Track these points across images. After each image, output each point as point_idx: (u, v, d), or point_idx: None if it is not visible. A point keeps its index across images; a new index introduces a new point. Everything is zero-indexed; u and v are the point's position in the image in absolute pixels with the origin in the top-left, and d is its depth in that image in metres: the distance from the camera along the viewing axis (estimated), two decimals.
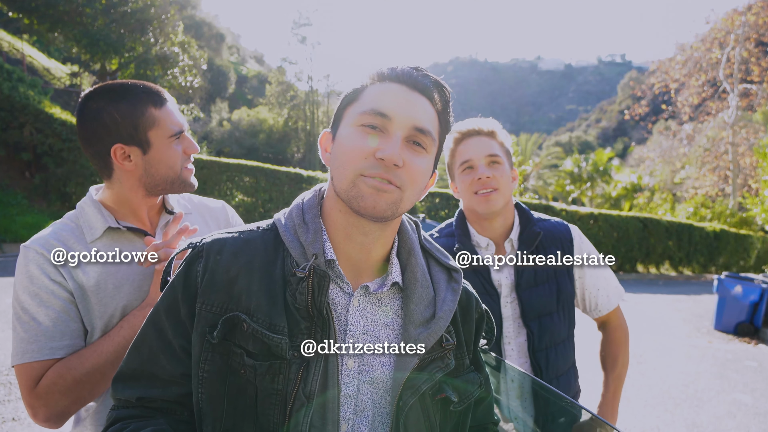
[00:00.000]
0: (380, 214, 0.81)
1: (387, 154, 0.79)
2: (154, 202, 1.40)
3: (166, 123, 1.32)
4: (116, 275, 1.28)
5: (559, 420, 1.33)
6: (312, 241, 0.85)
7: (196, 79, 22.76)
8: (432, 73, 0.87)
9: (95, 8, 17.89)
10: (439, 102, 0.87)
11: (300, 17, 42.17)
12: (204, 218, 1.53)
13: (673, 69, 29.26)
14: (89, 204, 1.34)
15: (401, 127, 0.82)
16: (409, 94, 0.84)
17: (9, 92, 11.99)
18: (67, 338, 1.21)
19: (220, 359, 0.81)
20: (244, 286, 0.82)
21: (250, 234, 0.88)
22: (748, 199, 20.05)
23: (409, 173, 0.82)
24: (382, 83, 0.85)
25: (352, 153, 0.81)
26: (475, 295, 0.99)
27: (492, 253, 1.66)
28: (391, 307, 0.89)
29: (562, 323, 1.63)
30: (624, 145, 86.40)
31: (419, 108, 0.84)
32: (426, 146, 0.84)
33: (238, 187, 13.24)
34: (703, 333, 8.43)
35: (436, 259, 0.95)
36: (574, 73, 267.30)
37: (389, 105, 0.82)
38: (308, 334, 0.81)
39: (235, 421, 0.81)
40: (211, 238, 0.87)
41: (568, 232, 1.71)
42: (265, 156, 31.00)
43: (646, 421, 4.57)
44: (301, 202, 0.92)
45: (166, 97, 1.34)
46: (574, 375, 1.69)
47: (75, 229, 1.31)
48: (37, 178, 12.26)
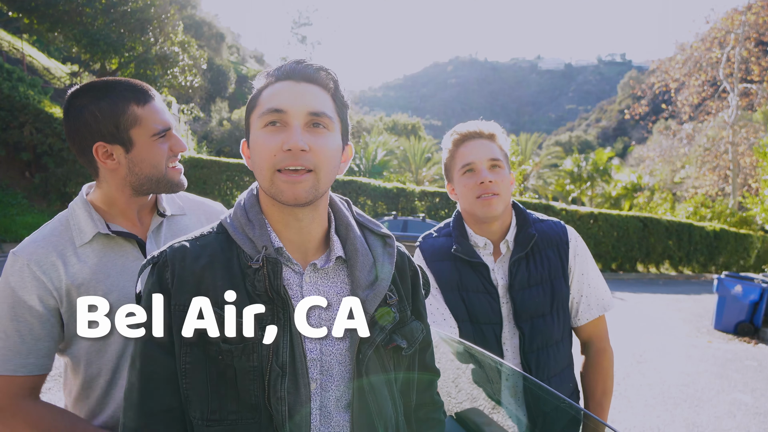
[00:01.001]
0: (302, 201, 0.92)
1: (291, 143, 0.89)
2: (145, 201, 1.38)
3: (149, 121, 1.29)
4: (105, 282, 1.27)
5: (553, 418, 1.33)
6: (259, 234, 0.97)
7: (196, 78, 22.76)
8: (313, 62, 0.97)
9: (95, 8, 17.88)
10: (329, 83, 0.97)
11: (300, 17, 42.24)
12: (200, 219, 1.50)
13: (673, 68, 29.27)
14: (80, 205, 1.32)
15: (297, 116, 0.92)
16: (297, 86, 0.94)
17: (9, 92, 11.99)
18: (32, 357, 1.21)
19: (198, 351, 0.92)
20: (210, 282, 0.93)
21: (204, 239, 1.00)
22: (748, 199, 20.07)
23: (317, 154, 0.92)
24: (272, 86, 0.96)
25: (264, 153, 0.92)
26: (407, 254, 1.12)
27: (490, 253, 1.66)
28: (338, 278, 1.01)
29: (556, 325, 1.61)
30: (624, 144, 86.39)
31: (309, 95, 0.94)
32: (326, 125, 0.94)
33: (238, 186, 13.24)
34: (703, 333, 8.43)
35: (370, 230, 1.08)
36: (574, 72, 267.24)
37: (282, 101, 0.92)
38: (271, 314, 0.92)
39: (220, 402, 0.92)
40: (171, 248, 0.97)
41: (565, 234, 1.69)
42: None
43: (646, 421, 4.57)
44: (242, 203, 1.03)
45: (151, 94, 1.32)
46: (569, 376, 1.67)
47: (65, 231, 1.29)
48: (37, 178, 12.27)
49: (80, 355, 1.29)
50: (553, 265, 1.64)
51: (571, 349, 1.70)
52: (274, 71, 0.98)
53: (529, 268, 1.61)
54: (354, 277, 0.99)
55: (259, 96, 0.97)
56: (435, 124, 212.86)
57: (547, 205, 16.15)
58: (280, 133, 0.92)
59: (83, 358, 1.29)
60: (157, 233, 1.39)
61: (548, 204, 16.41)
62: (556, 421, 1.33)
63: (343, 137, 1.01)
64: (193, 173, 12.54)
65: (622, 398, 5.06)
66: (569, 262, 1.66)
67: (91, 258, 1.27)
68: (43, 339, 1.22)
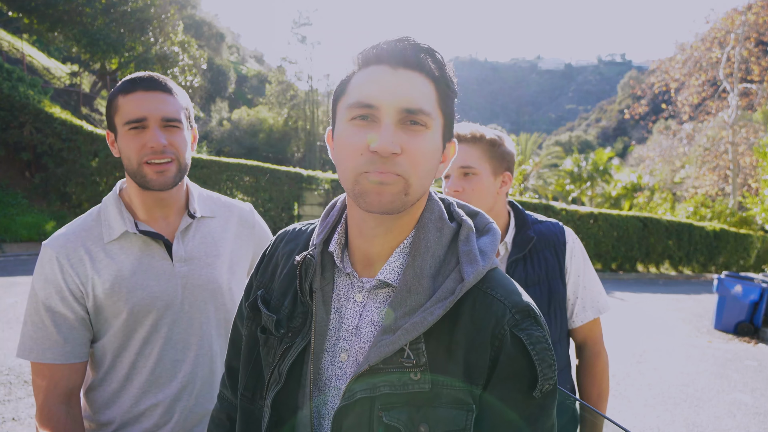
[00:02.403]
0: (386, 208, 0.78)
1: (380, 146, 0.75)
2: (163, 199, 1.36)
3: (125, 109, 1.27)
4: (130, 280, 1.30)
5: (561, 414, 1.32)
6: (320, 231, 0.92)
7: (196, 78, 22.75)
8: (416, 40, 0.81)
9: (95, 8, 17.88)
10: (433, 69, 0.81)
11: (300, 17, 42.15)
12: (228, 221, 1.50)
13: (673, 68, 29.24)
14: (112, 201, 1.36)
15: (389, 113, 0.77)
16: (393, 74, 0.78)
17: (9, 92, 11.98)
18: (69, 345, 1.27)
19: (254, 327, 0.95)
20: (280, 270, 0.95)
21: (309, 227, 1.00)
22: (748, 199, 20.06)
23: (410, 157, 0.77)
24: (366, 68, 0.81)
25: (348, 152, 0.79)
26: (501, 313, 0.80)
27: None
28: (384, 307, 0.85)
29: (554, 326, 1.61)
30: (624, 144, 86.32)
31: (406, 86, 0.78)
32: (424, 123, 0.79)
33: (238, 186, 13.23)
34: (703, 333, 8.43)
35: (460, 266, 0.83)
36: (574, 72, 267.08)
37: (373, 93, 0.78)
38: (302, 318, 0.87)
39: (255, 384, 0.95)
40: (286, 228, 1.03)
41: (562, 235, 1.69)
42: (265, 155, 30.98)
43: (646, 421, 4.57)
44: (337, 199, 0.98)
45: (143, 85, 1.29)
46: (566, 377, 1.67)
47: (95, 227, 1.33)
48: (37, 178, 12.26)
49: (104, 349, 1.34)
50: (551, 266, 1.64)
51: (568, 351, 1.70)
52: (368, 51, 0.81)
53: (527, 269, 1.62)
54: (386, 313, 0.81)
55: (349, 82, 0.83)
56: None
57: (547, 205, 16.13)
58: (368, 129, 0.78)
59: (107, 352, 1.33)
60: (184, 234, 1.40)
61: (548, 204, 16.38)
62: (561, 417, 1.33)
63: (445, 134, 0.85)
64: (193, 173, 12.53)
65: (622, 398, 5.06)
66: (566, 263, 1.66)
67: (118, 255, 1.31)
68: (77, 328, 1.28)
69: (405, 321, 0.78)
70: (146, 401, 1.34)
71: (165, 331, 1.34)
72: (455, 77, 0.85)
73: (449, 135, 0.87)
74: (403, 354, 0.77)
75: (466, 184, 1.57)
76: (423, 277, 0.81)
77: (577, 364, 1.74)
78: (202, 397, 1.39)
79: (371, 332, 0.84)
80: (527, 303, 0.83)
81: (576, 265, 1.67)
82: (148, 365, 1.34)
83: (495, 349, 0.79)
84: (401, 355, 0.77)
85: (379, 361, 0.77)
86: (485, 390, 0.79)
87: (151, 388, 1.34)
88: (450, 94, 0.84)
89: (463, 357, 0.79)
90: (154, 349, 1.34)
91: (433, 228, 0.86)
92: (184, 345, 1.37)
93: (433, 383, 0.77)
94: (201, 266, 1.40)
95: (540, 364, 0.79)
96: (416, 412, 0.77)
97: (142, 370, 1.34)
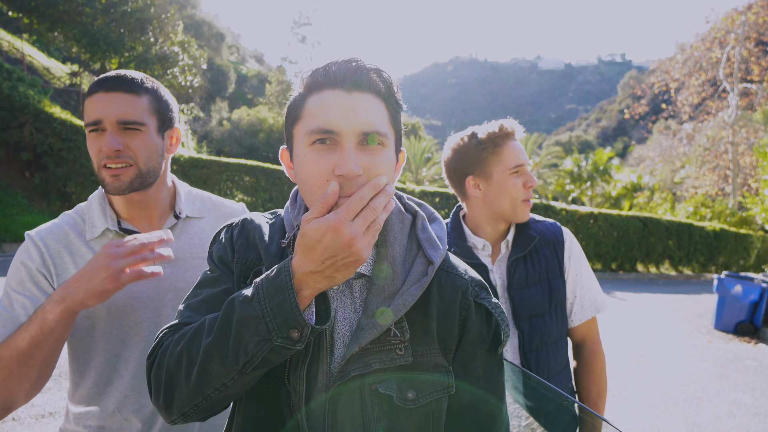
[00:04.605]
0: None
1: (345, 171, 0.79)
2: (139, 199, 1.32)
3: (86, 111, 1.23)
4: None
5: (553, 415, 1.33)
6: (296, 215, 0.95)
7: (195, 78, 22.74)
8: (364, 61, 0.85)
9: (95, 8, 17.87)
10: (382, 89, 0.86)
11: (300, 17, 42.17)
12: (218, 221, 1.46)
13: (673, 68, 29.25)
14: (97, 199, 1.33)
15: (350, 138, 0.81)
16: (349, 98, 0.82)
17: (9, 92, 11.98)
18: None
19: None
20: (264, 249, 0.95)
21: (275, 217, 1.03)
22: (748, 199, 20.05)
23: (372, 176, 0.82)
24: (320, 93, 0.84)
25: (314, 178, 0.83)
26: (465, 287, 0.94)
27: (488, 254, 1.67)
28: (360, 295, 0.92)
29: (555, 324, 1.61)
30: (624, 144, 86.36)
31: (363, 109, 0.83)
32: (382, 143, 0.84)
33: (238, 186, 13.23)
34: (703, 333, 8.43)
35: (423, 251, 0.93)
36: (574, 72, 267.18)
37: (333, 119, 0.81)
38: None
39: None
40: (249, 216, 1.03)
41: (561, 234, 1.70)
42: (265, 155, 30.96)
43: (646, 421, 4.57)
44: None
45: (107, 86, 1.23)
46: (567, 375, 1.67)
47: (79, 224, 1.31)
48: (37, 178, 12.26)
49: (81, 349, 1.30)
50: (551, 265, 1.65)
51: (568, 350, 1.71)
52: (320, 73, 0.85)
53: (527, 268, 1.62)
54: (366, 300, 0.88)
55: (304, 105, 0.86)
56: (435, 124, 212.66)
57: (547, 205, 16.12)
58: (330, 152, 0.82)
59: (84, 351, 1.30)
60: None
61: (548, 204, 16.37)
62: (561, 419, 1.33)
63: (397, 146, 0.92)
64: (193, 173, 12.53)
65: (621, 398, 5.06)
66: (564, 262, 1.68)
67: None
68: None
69: (387, 304, 0.87)
70: (128, 407, 1.29)
71: (146, 334, 1.30)
72: (400, 92, 0.91)
73: (399, 146, 0.94)
74: (390, 333, 0.87)
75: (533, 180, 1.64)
76: (396, 265, 0.90)
77: (574, 366, 1.75)
78: None
79: (353, 319, 0.91)
80: (480, 278, 0.99)
81: (574, 264, 1.69)
82: (130, 368, 1.29)
83: (462, 317, 0.92)
84: (388, 334, 0.87)
85: (367, 342, 0.85)
86: (456, 352, 0.92)
87: (133, 392, 1.29)
88: (398, 109, 0.91)
89: (436, 328, 0.91)
90: (134, 353, 1.29)
91: (397, 220, 0.95)
92: None
93: (414, 354, 0.88)
94: (186, 268, 1.36)
95: (502, 325, 0.94)
96: (402, 382, 0.87)
97: (124, 373, 1.29)
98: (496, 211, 1.64)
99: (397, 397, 0.86)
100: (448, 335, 0.91)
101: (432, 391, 0.89)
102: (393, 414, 0.87)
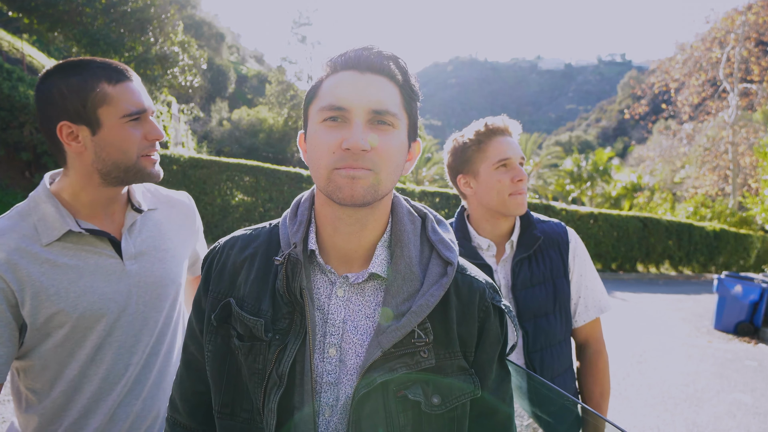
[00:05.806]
0: (359, 201, 0.83)
1: (351, 143, 0.80)
2: (115, 195, 1.28)
3: (119, 101, 1.19)
4: (78, 283, 1.19)
5: (557, 415, 1.33)
6: (295, 231, 0.92)
7: (196, 78, 22.73)
8: (381, 48, 0.87)
9: (95, 8, 17.88)
10: (397, 74, 0.87)
11: (300, 17, 42.13)
12: (170, 213, 1.44)
13: (673, 68, 29.24)
14: (44, 199, 1.21)
15: (359, 114, 0.83)
16: (361, 78, 0.84)
17: (9, 92, 11.99)
18: None
19: (221, 340, 0.92)
20: (245, 276, 0.93)
21: (260, 230, 0.99)
22: (748, 199, 20.04)
23: (380, 154, 0.83)
24: (335, 74, 0.86)
25: (321, 150, 0.84)
26: (482, 290, 0.94)
27: (493, 255, 1.66)
28: (374, 298, 0.90)
29: (559, 325, 1.61)
30: (624, 144, 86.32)
31: (374, 89, 0.84)
32: (391, 123, 0.85)
33: (238, 186, 13.23)
34: (703, 333, 8.43)
35: (438, 252, 0.93)
36: (574, 72, 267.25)
37: (343, 95, 0.83)
38: (289, 319, 0.87)
39: (233, 396, 0.91)
40: (230, 236, 1.00)
41: (565, 234, 1.70)
42: (265, 155, 30.97)
43: (646, 421, 4.57)
44: (300, 198, 0.99)
45: (128, 75, 1.22)
46: (571, 376, 1.67)
47: (27, 228, 1.18)
48: (37, 178, 12.26)
49: (46, 361, 1.20)
50: (555, 265, 1.64)
51: (572, 350, 1.70)
52: (337, 58, 0.87)
53: (532, 268, 1.62)
54: (385, 302, 0.87)
55: (320, 87, 0.88)
56: (435, 124, 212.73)
57: (547, 205, 16.12)
58: (340, 129, 0.83)
59: (50, 363, 1.21)
60: (132, 230, 1.31)
61: (548, 204, 16.37)
62: (565, 420, 1.33)
63: (410, 133, 0.92)
64: (193, 173, 12.53)
65: (622, 398, 5.06)
66: (569, 262, 1.67)
67: (60, 258, 1.18)
68: (3, 344, 1.13)
69: (406, 306, 0.86)
70: (96, 410, 1.24)
71: (119, 335, 1.25)
72: (417, 82, 0.91)
73: (414, 135, 0.93)
74: (414, 335, 0.85)
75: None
76: (413, 265, 0.89)
77: (578, 366, 1.74)
78: (149, 399, 1.32)
79: (366, 324, 0.88)
80: (491, 280, 1.00)
81: (578, 264, 1.68)
82: (100, 372, 1.24)
83: (481, 319, 0.92)
84: (412, 336, 0.85)
85: (390, 346, 0.83)
86: (475, 354, 0.92)
87: (102, 395, 1.24)
88: (414, 96, 0.91)
89: (457, 330, 0.89)
90: (106, 355, 1.24)
91: (408, 221, 0.94)
92: (136, 347, 1.28)
93: (437, 357, 0.87)
94: (152, 262, 1.32)
95: (516, 329, 0.93)
96: (427, 386, 0.86)
97: (93, 378, 1.24)
98: (488, 208, 1.64)
99: (424, 403, 0.85)
100: (468, 337, 0.91)
101: (457, 396, 0.88)
102: (417, 421, 0.86)
